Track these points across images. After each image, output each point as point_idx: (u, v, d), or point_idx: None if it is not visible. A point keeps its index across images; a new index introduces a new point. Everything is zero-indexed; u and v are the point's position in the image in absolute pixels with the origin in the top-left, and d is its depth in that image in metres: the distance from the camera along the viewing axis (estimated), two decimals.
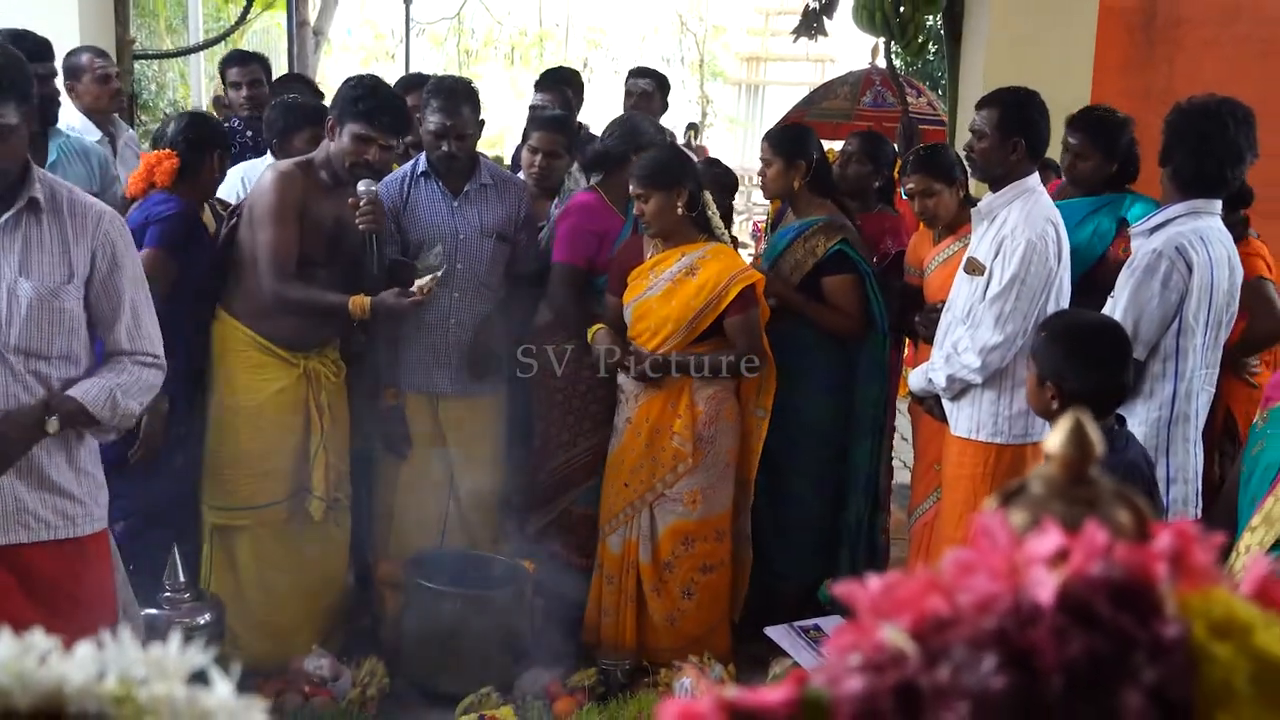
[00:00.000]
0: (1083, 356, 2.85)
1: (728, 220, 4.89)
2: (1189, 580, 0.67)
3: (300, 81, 6.11)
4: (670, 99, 6.13)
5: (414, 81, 5.44)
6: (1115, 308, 3.50)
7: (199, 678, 0.78)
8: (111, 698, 0.73)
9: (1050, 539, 0.68)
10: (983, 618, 0.66)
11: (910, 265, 4.69)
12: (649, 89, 5.91)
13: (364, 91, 4.07)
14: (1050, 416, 2.86)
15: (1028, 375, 2.97)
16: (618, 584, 4.42)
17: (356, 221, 4.07)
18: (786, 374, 4.57)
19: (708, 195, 4.29)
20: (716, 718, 0.67)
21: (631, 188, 4.20)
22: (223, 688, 0.77)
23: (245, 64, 5.94)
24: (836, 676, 0.67)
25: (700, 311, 4.14)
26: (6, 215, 2.85)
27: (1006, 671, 0.63)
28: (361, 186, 4.06)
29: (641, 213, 4.16)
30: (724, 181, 5.21)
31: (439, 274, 4.11)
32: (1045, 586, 0.65)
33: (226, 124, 5.35)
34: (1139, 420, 3.51)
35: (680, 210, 4.12)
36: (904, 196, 4.75)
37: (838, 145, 6.98)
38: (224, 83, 6.00)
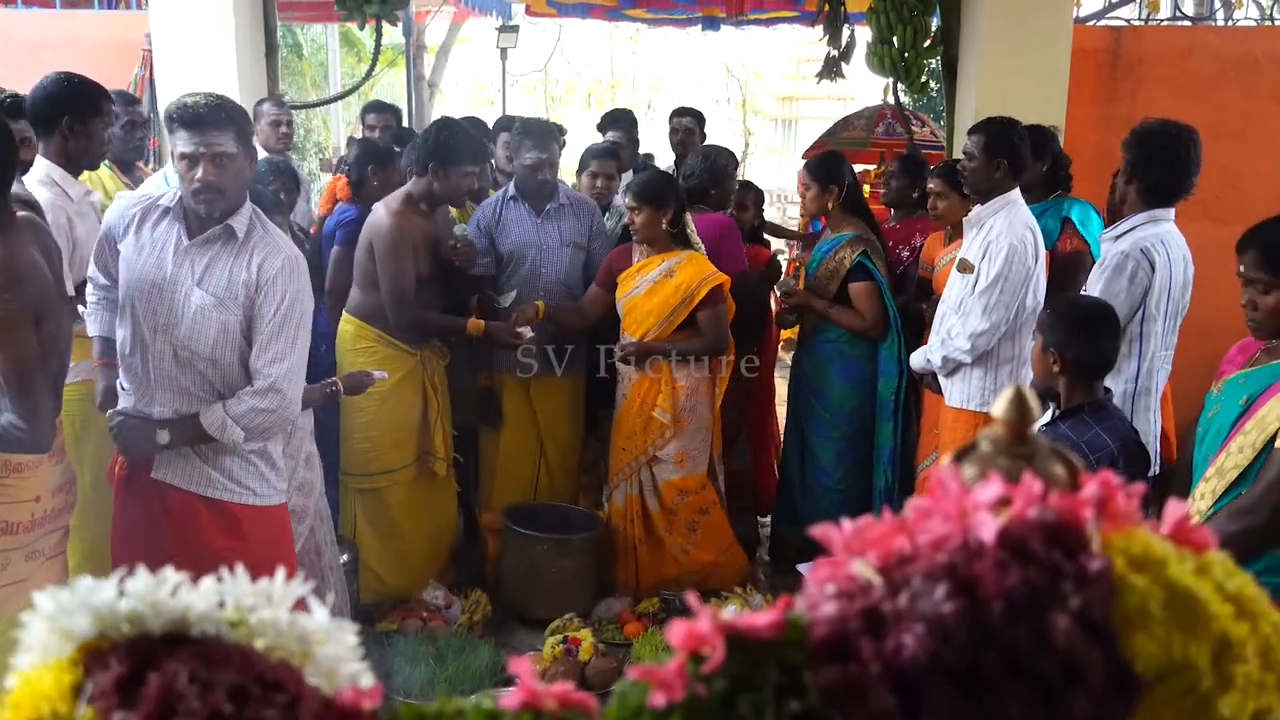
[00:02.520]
0: (1080, 330, 2.83)
1: (760, 230, 4.89)
2: (1112, 522, 0.66)
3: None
4: (708, 130, 6.14)
5: (506, 124, 5.49)
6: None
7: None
8: (228, 622, 0.74)
9: (994, 488, 0.67)
10: (937, 554, 0.65)
11: (924, 262, 4.67)
12: (691, 125, 5.92)
13: (458, 135, 4.07)
14: (1052, 380, 2.86)
15: (1033, 345, 2.96)
16: (622, 532, 4.43)
17: (454, 261, 4.15)
18: (814, 366, 4.61)
19: (688, 215, 4.31)
20: (715, 637, 0.67)
21: (626, 201, 4.26)
22: (320, 614, 0.78)
23: (381, 111, 6.02)
24: (814, 603, 0.66)
25: (676, 307, 4.19)
26: (204, 235, 2.86)
27: (956, 598, 0.63)
28: (459, 230, 4.15)
29: (633, 222, 4.20)
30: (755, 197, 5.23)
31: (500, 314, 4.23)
32: (989, 528, 0.65)
33: None
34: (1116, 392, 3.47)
35: (665, 224, 4.17)
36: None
37: (858, 168, 6.99)
38: (363, 125, 6.08)
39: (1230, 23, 6.52)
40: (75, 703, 0.72)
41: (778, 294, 4.62)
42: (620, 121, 5.85)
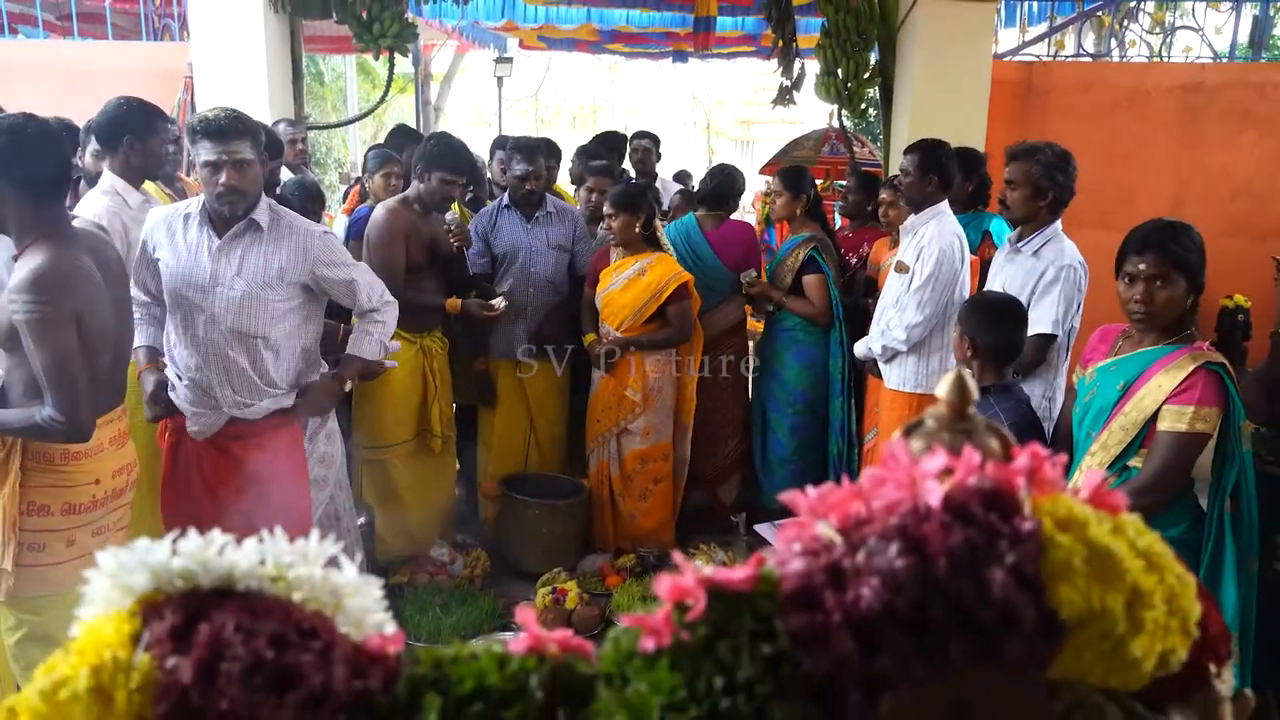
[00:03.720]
0: (990, 322, 2.86)
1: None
2: (1040, 489, 0.66)
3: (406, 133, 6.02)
4: (676, 149, 6.12)
5: (501, 143, 5.44)
6: (1044, 305, 3.34)
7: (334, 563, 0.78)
8: (269, 577, 0.73)
9: (939, 460, 0.67)
10: (890, 517, 0.65)
11: (872, 264, 4.66)
12: (649, 146, 5.93)
13: (443, 146, 4.04)
14: (966, 362, 2.89)
15: (955, 333, 2.97)
16: (596, 493, 4.44)
17: (450, 240, 4.14)
18: (773, 352, 4.62)
19: (657, 222, 4.33)
20: (698, 590, 0.66)
21: (605, 208, 4.25)
22: (350, 570, 0.77)
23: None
24: (784, 559, 0.66)
25: (647, 302, 4.19)
26: (232, 231, 2.91)
27: (907, 556, 0.62)
28: (449, 216, 4.14)
29: (610, 228, 4.19)
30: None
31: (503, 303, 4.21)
32: (935, 494, 0.64)
33: None
34: (1046, 382, 3.42)
35: (638, 229, 4.19)
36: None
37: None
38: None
39: (1125, 59, 6.56)
40: (134, 649, 0.71)
41: (743, 284, 4.61)
42: (610, 143, 5.82)
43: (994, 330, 2.84)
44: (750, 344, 4.94)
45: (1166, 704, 0.72)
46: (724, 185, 4.66)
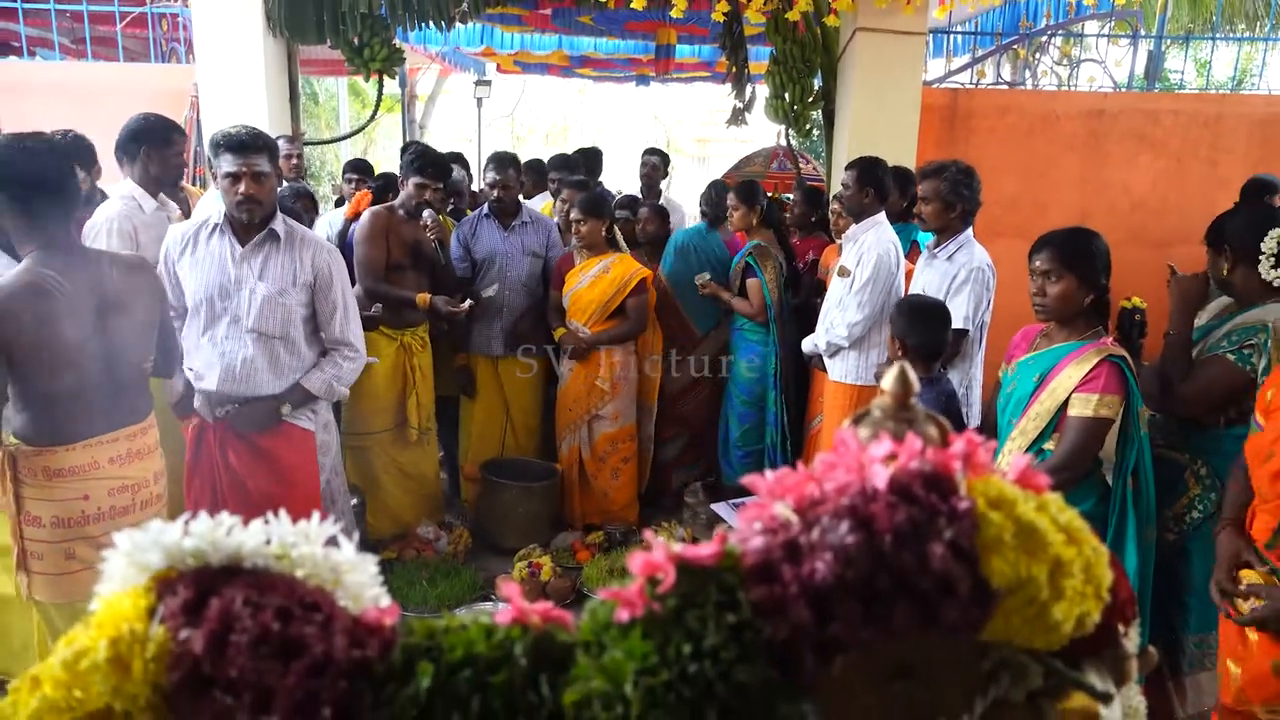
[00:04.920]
0: (917, 322, 2.87)
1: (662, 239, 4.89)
2: (974, 471, 0.67)
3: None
4: (630, 164, 6.09)
5: (458, 158, 5.41)
6: (957, 304, 3.37)
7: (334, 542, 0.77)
8: (274, 556, 0.72)
9: (884, 446, 0.67)
10: (841, 498, 0.65)
11: (823, 268, 4.64)
12: (657, 162, 5.85)
13: (417, 155, 4.02)
14: (896, 359, 2.87)
15: (887, 333, 2.98)
16: (567, 476, 4.42)
17: (428, 235, 4.09)
18: (732, 348, 4.60)
19: (615, 226, 4.40)
20: (668, 565, 0.66)
21: (573, 214, 4.24)
22: (348, 549, 0.76)
23: (360, 170, 5.56)
24: (745, 537, 0.66)
25: (612, 296, 4.20)
26: (254, 240, 2.88)
27: (856, 532, 0.62)
28: (426, 214, 4.09)
29: (579, 232, 4.20)
30: (666, 212, 5.14)
31: (481, 299, 4.22)
32: (881, 477, 0.64)
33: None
34: (962, 372, 3.47)
35: (604, 233, 4.22)
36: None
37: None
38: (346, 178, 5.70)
39: (1037, 88, 6.64)
40: (149, 622, 0.69)
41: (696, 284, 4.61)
42: (587, 159, 5.78)
43: (921, 331, 2.87)
44: None
45: (1082, 661, 0.73)
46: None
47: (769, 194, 4.85)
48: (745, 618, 0.63)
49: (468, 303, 4.05)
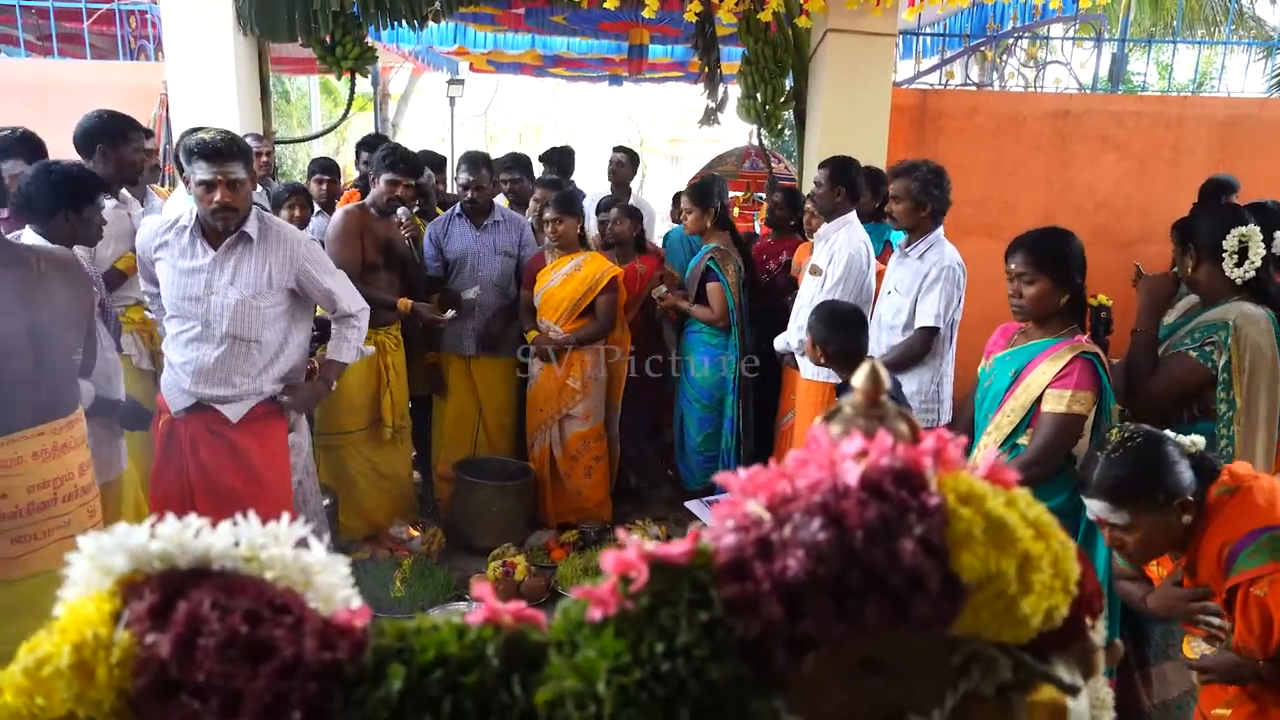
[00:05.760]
0: (835, 328, 2.92)
1: (644, 239, 4.87)
2: (944, 467, 0.67)
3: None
4: (601, 164, 6.03)
5: (434, 158, 5.36)
6: (928, 301, 3.39)
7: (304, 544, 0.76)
8: (242, 558, 0.70)
9: (855, 442, 0.67)
10: (812, 495, 0.65)
11: (797, 266, 4.64)
12: (623, 159, 5.79)
13: (388, 151, 4.00)
14: (819, 364, 3.00)
15: (807, 339, 3.02)
16: (539, 475, 4.40)
17: (402, 232, 4.05)
18: (686, 352, 4.56)
19: (584, 224, 4.40)
20: (640, 563, 0.66)
21: (547, 213, 4.24)
22: (319, 550, 0.75)
23: (372, 149, 5.65)
24: (718, 535, 0.65)
25: (584, 294, 4.21)
26: (225, 244, 2.84)
27: (828, 529, 0.62)
28: (401, 211, 4.04)
29: (555, 231, 4.20)
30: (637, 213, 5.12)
31: (462, 305, 4.18)
32: (852, 473, 0.64)
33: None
34: (933, 370, 3.46)
35: (577, 231, 4.25)
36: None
37: (730, 194, 7.02)
38: (357, 158, 5.71)
39: (1004, 89, 6.71)
40: (114, 627, 0.68)
41: (653, 296, 4.59)
42: (560, 157, 5.70)
43: (841, 338, 2.91)
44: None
45: (1050, 654, 0.73)
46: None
47: (739, 193, 4.87)
48: (718, 615, 0.62)
49: (450, 313, 4.03)
